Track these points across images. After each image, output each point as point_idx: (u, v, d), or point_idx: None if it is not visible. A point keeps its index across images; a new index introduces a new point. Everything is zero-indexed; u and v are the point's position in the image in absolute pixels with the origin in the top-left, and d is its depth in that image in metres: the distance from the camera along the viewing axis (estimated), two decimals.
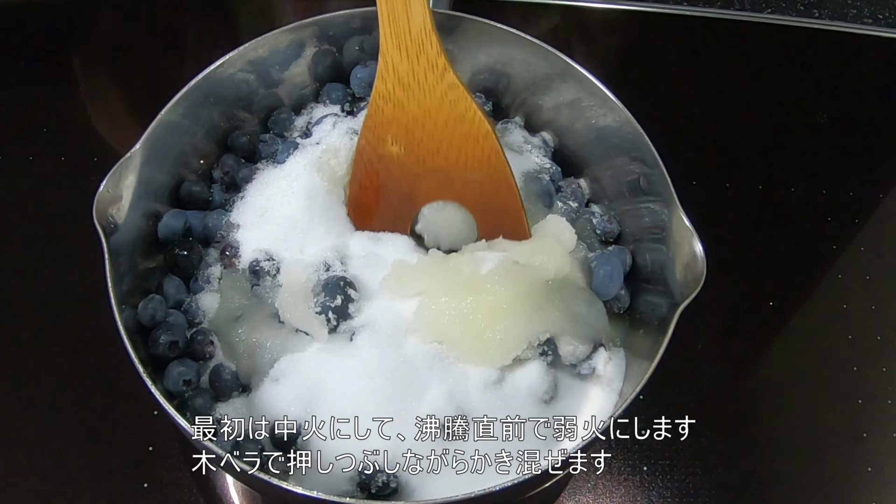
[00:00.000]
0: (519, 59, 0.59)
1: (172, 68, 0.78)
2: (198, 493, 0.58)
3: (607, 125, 0.56)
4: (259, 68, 0.58)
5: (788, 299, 0.70)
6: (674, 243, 0.49)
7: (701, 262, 0.46)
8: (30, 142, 0.73)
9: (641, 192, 0.55)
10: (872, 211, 0.76)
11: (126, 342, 0.45)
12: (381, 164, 0.53)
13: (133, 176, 0.49)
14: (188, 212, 0.56)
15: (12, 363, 0.62)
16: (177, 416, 0.43)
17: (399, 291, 0.51)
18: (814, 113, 0.82)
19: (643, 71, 0.84)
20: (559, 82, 0.58)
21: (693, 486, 0.60)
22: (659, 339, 0.46)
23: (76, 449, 0.59)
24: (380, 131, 0.52)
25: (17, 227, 0.69)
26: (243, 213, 0.56)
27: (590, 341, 0.52)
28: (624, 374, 0.53)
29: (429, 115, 0.50)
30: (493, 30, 0.57)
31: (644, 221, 0.56)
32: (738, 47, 0.87)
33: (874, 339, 0.69)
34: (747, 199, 0.76)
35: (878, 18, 0.91)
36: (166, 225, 0.55)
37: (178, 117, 0.53)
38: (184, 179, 0.58)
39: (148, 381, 0.44)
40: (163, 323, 0.51)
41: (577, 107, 0.58)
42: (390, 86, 0.50)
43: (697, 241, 0.46)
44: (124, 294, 0.48)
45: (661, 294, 0.51)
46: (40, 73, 0.79)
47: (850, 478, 0.63)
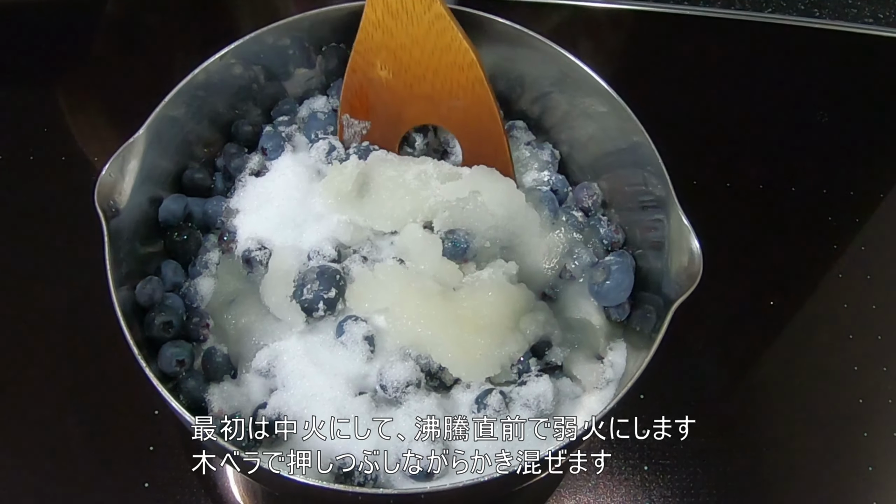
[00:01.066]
0: (523, 56, 0.59)
1: (174, 67, 0.78)
2: (198, 493, 0.58)
3: (607, 122, 0.56)
4: (264, 58, 0.59)
5: (788, 299, 0.70)
6: (671, 241, 0.49)
7: (698, 259, 0.46)
8: (30, 142, 0.73)
9: (643, 193, 0.55)
10: (873, 210, 0.76)
11: (122, 323, 0.45)
12: (371, 88, 0.56)
13: (136, 161, 0.50)
14: (189, 198, 0.57)
15: (12, 364, 0.62)
16: (171, 399, 0.43)
17: (333, 196, 0.53)
18: (814, 112, 0.82)
19: (643, 70, 0.84)
20: (562, 80, 0.58)
21: (693, 485, 0.60)
22: (653, 336, 0.46)
23: (76, 449, 0.59)
24: (369, 56, 0.54)
25: (17, 227, 0.69)
26: (243, 200, 0.56)
27: (579, 347, 0.53)
28: (623, 372, 0.53)
29: (416, 43, 0.53)
30: (498, 26, 0.57)
31: (645, 225, 0.56)
32: (738, 47, 0.87)
33: (874, 338, 0.69)
34: (747, 199, 0.76)
35: (879, 18, 0.91)
36: (167, 209, 0.55)
37: (182, 104, 0.54)
38: (187, 166, 0.58)
39: (142, 362, 0.44)
40: (159, 304, 0.52)
41: (579, 105, 0.58)
42: (379, 13, 0.52)
43: (694, 238, 0.47)
44: (122, 277, 0.48)
45: (658, 292, 0.51)
46: (40, 74, 0.79)
47: (850, 477, 0.63)
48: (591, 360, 0.53)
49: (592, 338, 0.54)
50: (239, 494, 0.59)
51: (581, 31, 0.85)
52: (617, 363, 0.53)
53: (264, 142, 0.59)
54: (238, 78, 0.58)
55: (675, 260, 0.48)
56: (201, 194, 0.58)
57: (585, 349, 0.53)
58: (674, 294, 0.47)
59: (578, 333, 0.54)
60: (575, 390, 0.52)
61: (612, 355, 0.54)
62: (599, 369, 0.53)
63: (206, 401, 0.49)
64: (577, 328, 0.54)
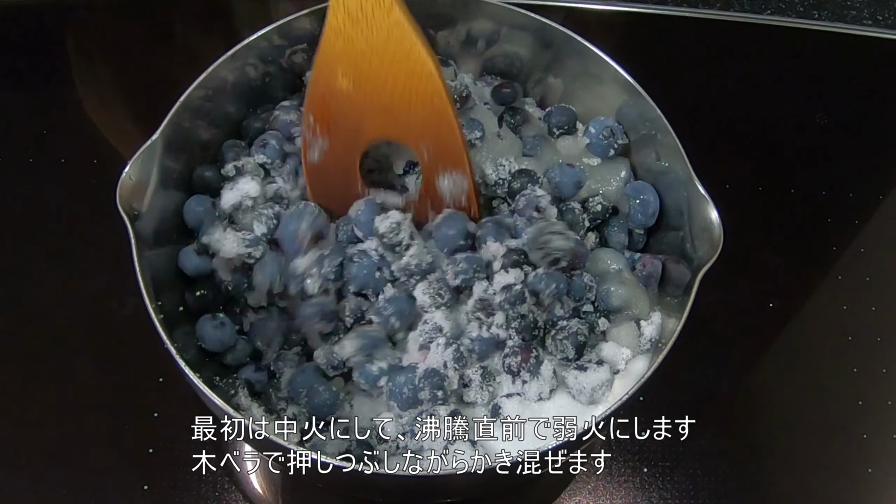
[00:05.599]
0: (525, 38, 0.60)
1: (175, 67, 0.78)
2: (198, 496, 0.58)
3: (618, 101, 0.58)
4: (274, 55, 0.59)
5: (788, 300, 0.70)
6: (691, 212, 0.51)
7: (718, 228, 0.48)
8: (30, 143, 0.73)
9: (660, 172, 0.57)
10: (872, 212, 0.76)
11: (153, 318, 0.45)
12: (333, 99, 0.54)
13: (154, 163, 0.50)
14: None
15: (11, 365, 0.62)
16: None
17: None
18: (813, 114, 0.82)
19: (641, 72, 0.84)
20: (566, 59, 0.60)
21: (693, 486, 0.60)
22: (683, 302, 0.48)
23: (75, 451, 0.59)
24: (332, 65, 0.53)
25: (17, 229, 0.69)
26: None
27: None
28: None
29: (375, 52, 0.51)
30: (500, 10, 0.58)
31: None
32: (737, 49, 0.87)
33: (874, 340, 0.69)
34: (747, 199, 0.76)
35: (878, 20, 0.91)
36: (191, 209, 0.55)
37: (198, 102, 0.54)
38: (196, 165, 0.58)
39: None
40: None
41: (587, 83, 0.60)
42: (340, 20, 0.51)
43: (713, 208, 0.49)
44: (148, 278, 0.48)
45: (680, 262, 0.53)
46: (40, 74, 0.79)
47: (850, 479, 0.63)
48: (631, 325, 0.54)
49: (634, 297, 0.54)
50: (239, 496, 0.59)
51: (576, 33, 0.85)
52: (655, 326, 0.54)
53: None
54: (252, 74, 0.58)
55: (697, 232, 0.50)
56: (211, 193, 0.58)
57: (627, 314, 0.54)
58: (697, 262, 0.49)
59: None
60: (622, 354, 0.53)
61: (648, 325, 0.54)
62: (638, 333, 0.54)
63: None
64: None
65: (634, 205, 0.57)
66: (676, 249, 0.54)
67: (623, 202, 0.58)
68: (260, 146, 0.57)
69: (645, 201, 0.56)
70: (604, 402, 0.51)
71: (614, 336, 0.53)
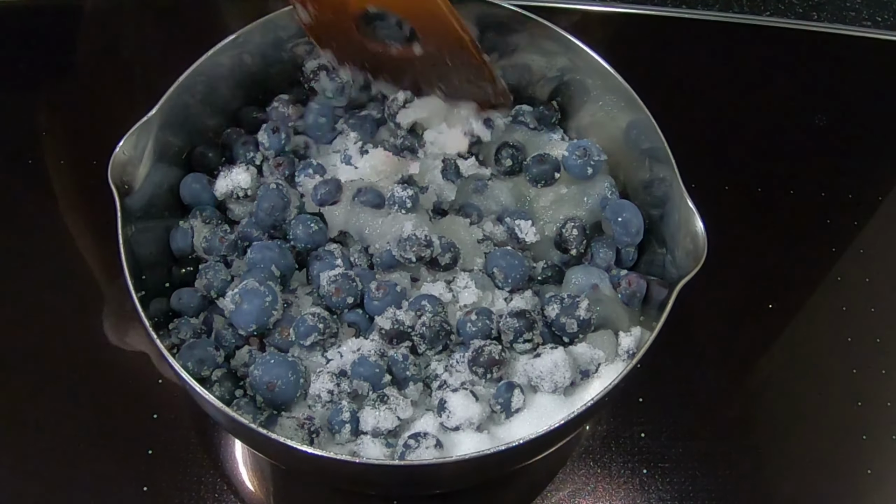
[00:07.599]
0: (528, 43, 0.60)
1: (176, 67, 0.77)
2: (197, 497, 0.58)
3: (609, 102, 0.58)
4: (272, 44, 0.59)
5: (788, 301, 0.70)
6: (675, 223, 0.50)
7: (702, 240, 0.47)
8: (29, 144, 0.73)
9: (649, 181, 0.56)
10: (872, 213, 0.76)
11: (136, 303, 0.45)
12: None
13: (149, 140, 0.50)
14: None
15: (11, 367, 0.62)
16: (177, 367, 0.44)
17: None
18: (813, 115, 0.82)
19: (640, 73, 0.84)
20: (565, 65, 0.60)
21: (693, 488, 0.60)
22: (659, 315, 0.47)
23: (74, 452, 0.59)
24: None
25: (17, 229, 0.69)
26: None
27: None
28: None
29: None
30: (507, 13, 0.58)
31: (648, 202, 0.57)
32: (736, 50, 0.87)
33: (873, 341, 0.69)
34: (747, 200, 0.76)
35: (878, 21, 0.91)
36: (188, 186, 0.56)
37: (195, 85, 0.54)
38: (196, 145, 0.58)
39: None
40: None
41: (580, 86, 0.60)
42: None
43: (699, 220, 0.47)
44: (134, 262, 0.48)
45: (663, 276, 0.52)
46: (39, 74, 0.79)
47: (850, 480, 0.63)
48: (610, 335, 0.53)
49: (613, 313, 0.53)
50: (238, 496, 0.59)
51: (577, 35, 0.85)
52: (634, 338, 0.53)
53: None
54: (251, 62, 0.58)
55: (681, 242, 0.49)
56: (210, 173, 0.58)
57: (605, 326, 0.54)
58: (677, 275, 0.48)
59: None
60: (595, 356, 0.52)
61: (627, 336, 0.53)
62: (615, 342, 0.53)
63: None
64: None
65: (616, 226, 0.56)
66: (660, 263, 0.53)
67: (606, 224, 0.57)
68: (264, 137, 0.58)
69: (626, 220, 0.55)
70: (580, 391, 0.50)
71: (589, 339, 0.53)
